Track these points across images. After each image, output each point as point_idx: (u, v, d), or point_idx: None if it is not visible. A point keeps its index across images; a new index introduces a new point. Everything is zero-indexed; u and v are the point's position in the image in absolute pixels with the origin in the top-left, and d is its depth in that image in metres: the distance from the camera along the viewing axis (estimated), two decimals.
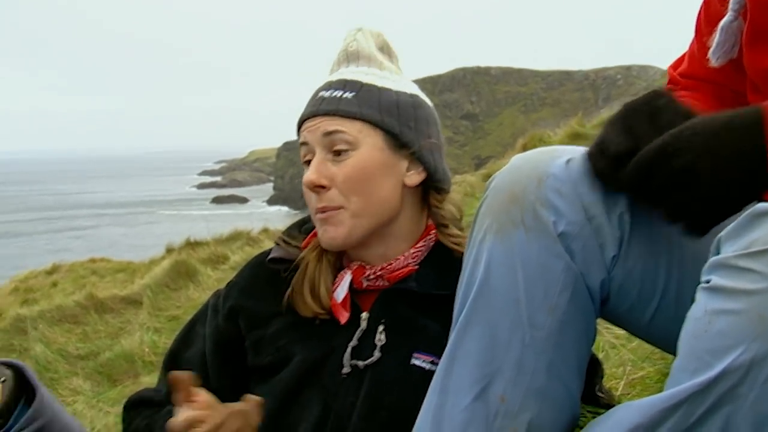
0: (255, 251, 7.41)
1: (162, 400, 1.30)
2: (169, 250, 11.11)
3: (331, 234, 1.23)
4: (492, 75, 72.29)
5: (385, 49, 1.33)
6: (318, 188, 1.22)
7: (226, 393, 1.29)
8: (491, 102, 70.21)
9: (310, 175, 1.22)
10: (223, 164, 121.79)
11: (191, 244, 10.74)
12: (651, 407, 0.79)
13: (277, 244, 1.34)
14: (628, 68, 63.69)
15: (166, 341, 5.66)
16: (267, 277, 1.31)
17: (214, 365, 1.30)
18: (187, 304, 6.30)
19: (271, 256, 1.32)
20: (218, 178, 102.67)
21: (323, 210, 1.23)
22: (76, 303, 6.56)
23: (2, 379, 1.03)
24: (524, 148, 9.31)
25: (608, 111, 11.15)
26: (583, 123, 9.61)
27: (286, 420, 1.22)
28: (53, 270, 13.38)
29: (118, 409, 4.83)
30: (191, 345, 1.34)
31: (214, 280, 6.56)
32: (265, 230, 11.56)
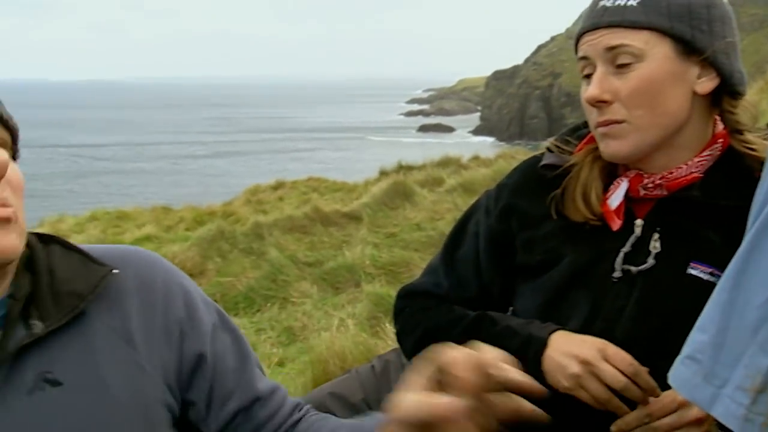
0: (469, 176, 7.54)
1: (441, 295, 1.40)
2: (382, 173, 11.67)
3: (613, 148, 1.21)
4: None
5: None
6: (600, 103, 1.20)
7: (496, 288, 1.38)
8: None
9: (592, 90, 1.20)
10: (432, 92, 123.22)
11: (403, 168, 11.18)
12: None
13: (550, 150, 1.36)
14: None
15: (384, 256, 6.03)
16: (537, 180, 1.34)
17: (486, 262, 1.38)
18: (403, 223, 6.61)
19: (543, 161, 1.34)
20: (426, 107, 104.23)
21: (605, 123, 1.21)
22: (304, 215, 7.16)
23: None
24: None
25: None
26: None
27: (552, 317, 1.27)
28: (278, 186, 14.63)
29: (341, 313, 5.28)
30: (463, 243, 1.42)
31: (430, 202, 6.79)
32: (476, 158, 11.68)
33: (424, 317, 1.39)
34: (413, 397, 0.80)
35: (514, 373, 0.79)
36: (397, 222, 6.65)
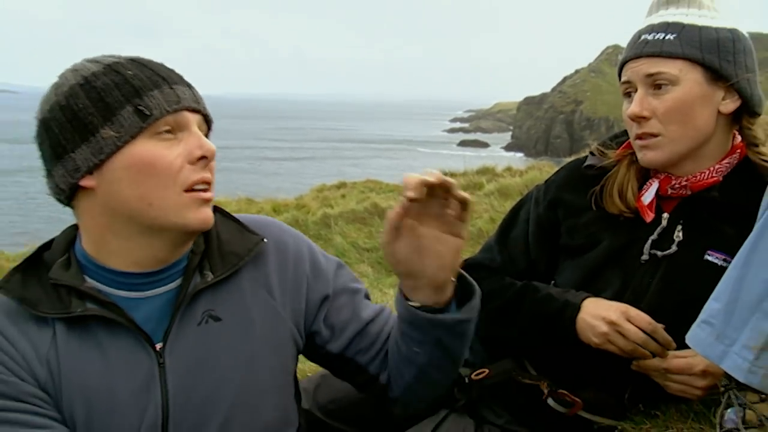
0: (504, 183, 7.49)
1: (495, 268, 1.45)
2: None
3: (650, 157, 1.25)
4: None
5: None
6: (640, 119, 1.23)
7: (541, 264, 1.43)
8: None
9: (633, 107, 1.23)
10: (471, 113, 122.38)
11: (446, 175, 11.15)
12: None
13: (592, 154, 1.39)
14: None
15: None
16: (581, 178, 1.38)
17: (534, 243, 1.43)
18: None
19: (587, 163, 1.38)
20: (466, 125, 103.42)
21: (642, 137, 1.24)
22: (364, 209, 7.25)
23: None
24: None
25: None
26: None
27: (589, 290, 1.31)
28: (340, 185, 14.76)
29: (393, 291, 5.34)
30: (515, 226, 1.47)
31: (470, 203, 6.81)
32: (509, 168, 11.55)
33: (481, 285, 1.45)
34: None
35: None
36: None
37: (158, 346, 0.98)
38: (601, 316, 1.22)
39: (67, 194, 0.97)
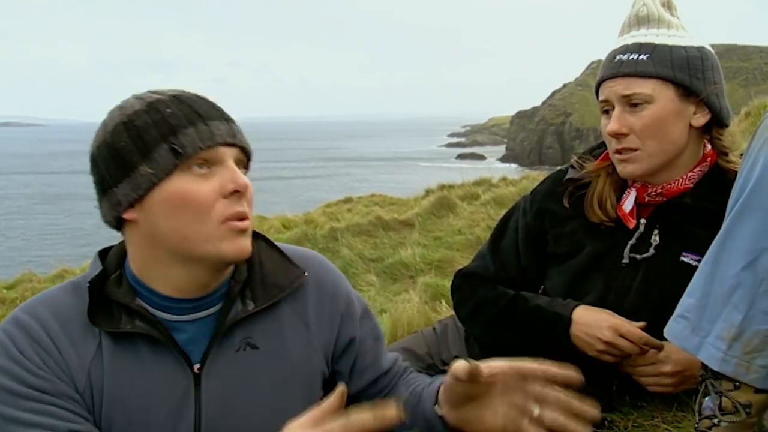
0: (499, 192, 7.50)
1: (488, 276, 1.46)
2: (427, 191, 11.68)
3: (629, 170, 1.26)
4: (714, 52, 62.57)
5: (667, 5, 1.28)
6: (618, 135, 1.24)
7: (532, 269, 1.43)
8: None
9: (612, 125, 1.24)
10: (468, 128, 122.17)
11: (444, 187, 11.16)
12: None
13: (572, 167, 1.40)
14: None
15: (432, 254, 6.05)
16: (563, 189, 1.39)
17: (523, 250, 1.44)
18: (447, 229, 6.63)
19: (567, 176, 1.40)
20: (463, 139, 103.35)
21: (621, 151, 1.26)
22: (369, 221, 7.26)
23: None
24: (747, 115, 8.13)
25: None
26: None
27: (575, 293, 1.33)
28: (347, 200, 14.78)
29: (399, 298, 5.34)
30: (505, 236, 1.48)
31: (468, 212, 6.79)
32: (504, 178, 11.55)
33: (475, 293, 1.46)
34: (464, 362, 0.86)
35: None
36: (442, 228, 6.68)
37: (196, 367, 0.98)
38: (596, 336, 1.23)
39: (114, 224, 0.97)
